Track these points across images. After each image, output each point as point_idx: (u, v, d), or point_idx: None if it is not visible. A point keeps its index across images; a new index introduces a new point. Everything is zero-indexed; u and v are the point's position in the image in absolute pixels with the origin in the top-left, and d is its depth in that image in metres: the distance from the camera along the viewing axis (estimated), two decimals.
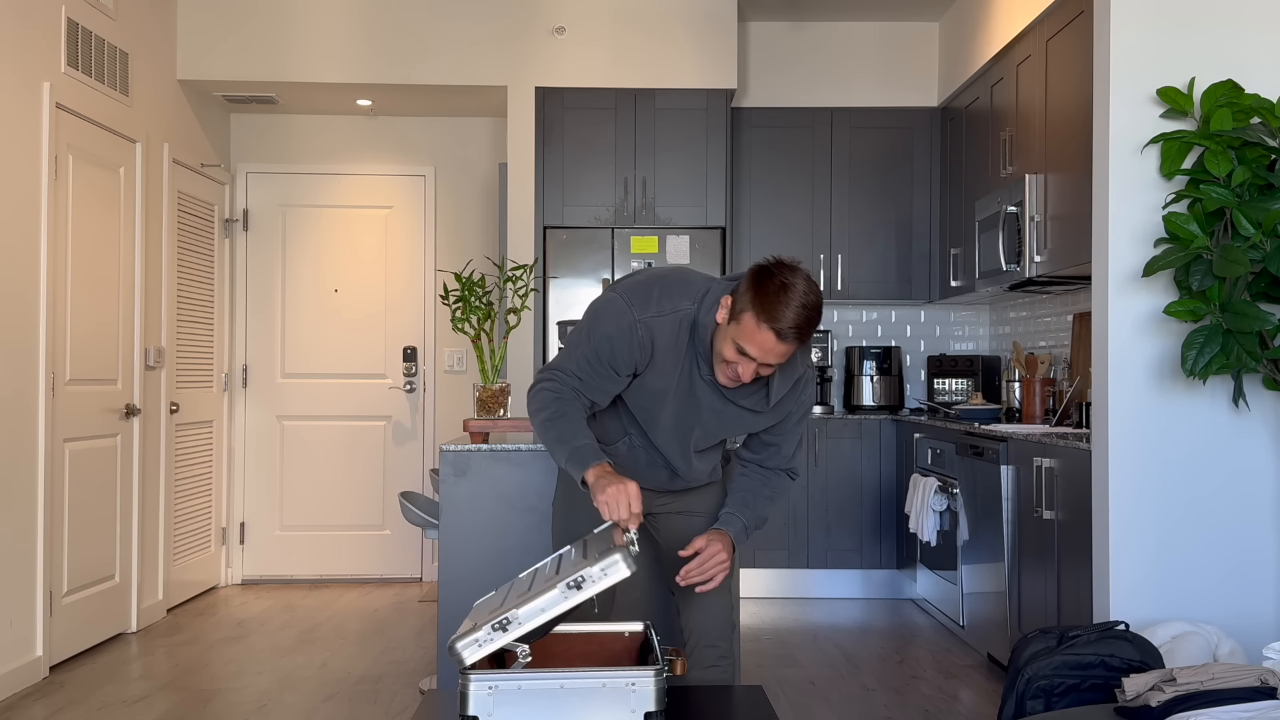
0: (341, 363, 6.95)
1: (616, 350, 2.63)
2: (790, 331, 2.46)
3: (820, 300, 2.51)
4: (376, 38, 6.20)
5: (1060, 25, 4.82)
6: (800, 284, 2.47)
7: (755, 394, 2.70)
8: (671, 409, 2.72)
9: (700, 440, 2.80)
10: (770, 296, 2.45)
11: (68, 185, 4.98)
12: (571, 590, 2.22)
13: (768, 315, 2.44)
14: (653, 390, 2.70)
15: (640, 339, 2.62)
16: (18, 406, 4.57)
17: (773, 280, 2.46)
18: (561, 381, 2.64)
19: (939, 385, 6.70)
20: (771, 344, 2.47)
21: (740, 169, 6.69)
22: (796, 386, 2.75)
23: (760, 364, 2.52)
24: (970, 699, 4.48)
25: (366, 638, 5.46)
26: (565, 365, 2.66)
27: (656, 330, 2.62)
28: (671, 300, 2.64)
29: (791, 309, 2.44)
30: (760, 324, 2.46)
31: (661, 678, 2.19)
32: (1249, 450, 3.59)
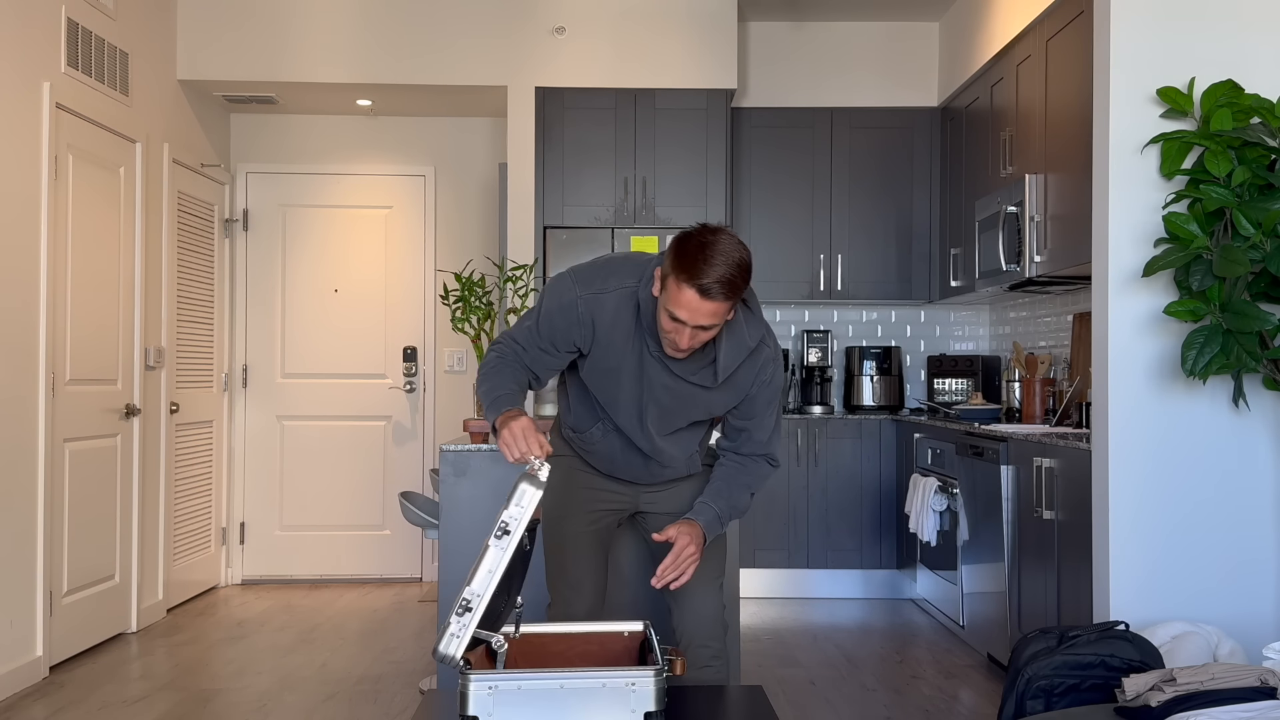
0: (341, 363, 6.95)
1: (556, 326, 2.69)
2: (714, 287, 2.44)
3: (746, 257, 2.50)
4: (376, 38, 6.20)
5: (1060, 25, 4.82)
6: (722, 241, 2.47)
7: (703, 369, 2.69)
8: (627, 389, 2.74)
9: (660, 421, 2.79)
10: (690, 256, 2.46)
11: (68, 185, 4.98)
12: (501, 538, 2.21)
13: (688, 274, 2.44)
14: (606, 370, 2.73)
15: (580, 315, 2.66)
16: (18, 406, 4.57)
17: (692, 241, 2.48)
18: (507, 346, 2.74)
19: (939, 385, 6.70)
20: (697, 302, 2.46)
21: (740, 169, 6.69)
22: (754, 363, 2.73)
23: (694, 327, 2.52)
24: (970, 699, 4.48)
25: (366, 638, 5.46)
26: (513, 334, 2.76)
27: (597, 308, 2.66)
28: (617, 279, 2.67)
29: (712, 265, 2.44)
30: (682, 284, 2.46)
31: (661, 678, 2.19)
32: (1249, 450, 3.59)
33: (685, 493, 2.95)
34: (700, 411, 2.79)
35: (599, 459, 2.92)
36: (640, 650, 2.55)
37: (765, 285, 6.68)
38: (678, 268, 2.46)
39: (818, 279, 6.70)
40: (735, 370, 2.71)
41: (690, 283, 2.45)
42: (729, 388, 2.74)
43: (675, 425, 2.82)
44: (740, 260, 2.48)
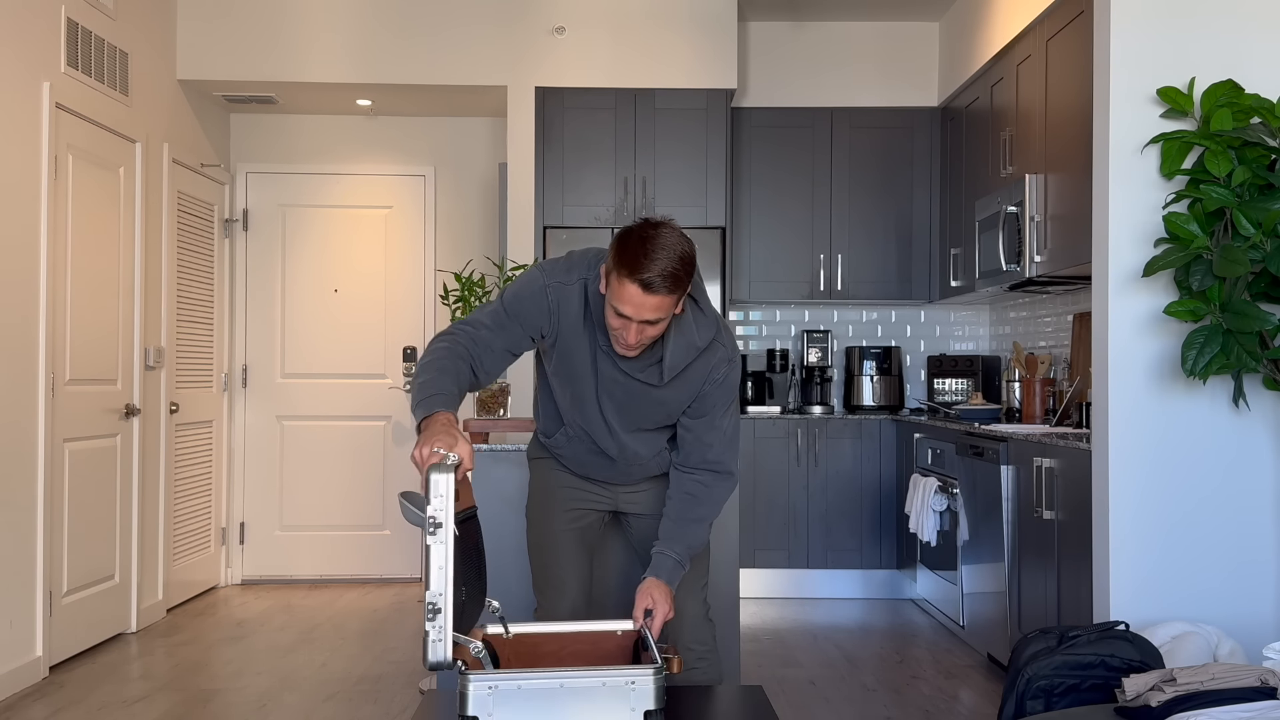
0: (341, 363, 6.95)
1: (524, 309, 2.65)
2: (656, 280, 2.41)
3: (689, 250, 2.47)
4: (376, 38, 6.20)
5: (1060, 25, 4.82)
6: (664, 235, 2.44)
7: (650, 366, 2.66)
8: (584, 386, 2.72)
9: (620, 417, 2.76)
10: (631, 251, 2.43)
11: (68, 185, 4.98)
12: (435, 533, 2.16)
13: (630, 268, 2.42)
14: (567, 364, 2.71)
15: (550, 303, 2.64)
16: (18, 406, 4.57)
17: (633, 235, 2.46)
18: (459, 334, 2.60)
19: (939, 385, 6.70)
20: (640, 297, 2.43)
21: (740, 169, 6.69)
22: (706, 361, 2.69)
23: (640, 323, 2.48)
24: (970, 699, 4.48)
25: (366, 638, 5.46)
26: (469, 319, 2.66)
27: (563, 297, 2.64)
28: (577, 271, 2.66)
29: (654, 259, 2.41)
30: (624, 279, 2.43)
31: (660, 676, 2.19)
32: (1249, 450, 3.59)
33: (664, 491, 2.92)
34: (656, 411, 2.75)
35: (571, 462, 2.93)
36: (634, 649, 2.55)
37: (765, 285, 6.68)
38: (619, 262, 2.44)
39: (818, 279, 6.70)
40: (685, 369, 2.68)
41: (632, 277, 2.42)
42: (679, 386, 2.70)
43: (637, 424, 2.78)
44: (683, 253, 2.45)
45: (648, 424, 2.79)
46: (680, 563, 2.72)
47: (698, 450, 2.77)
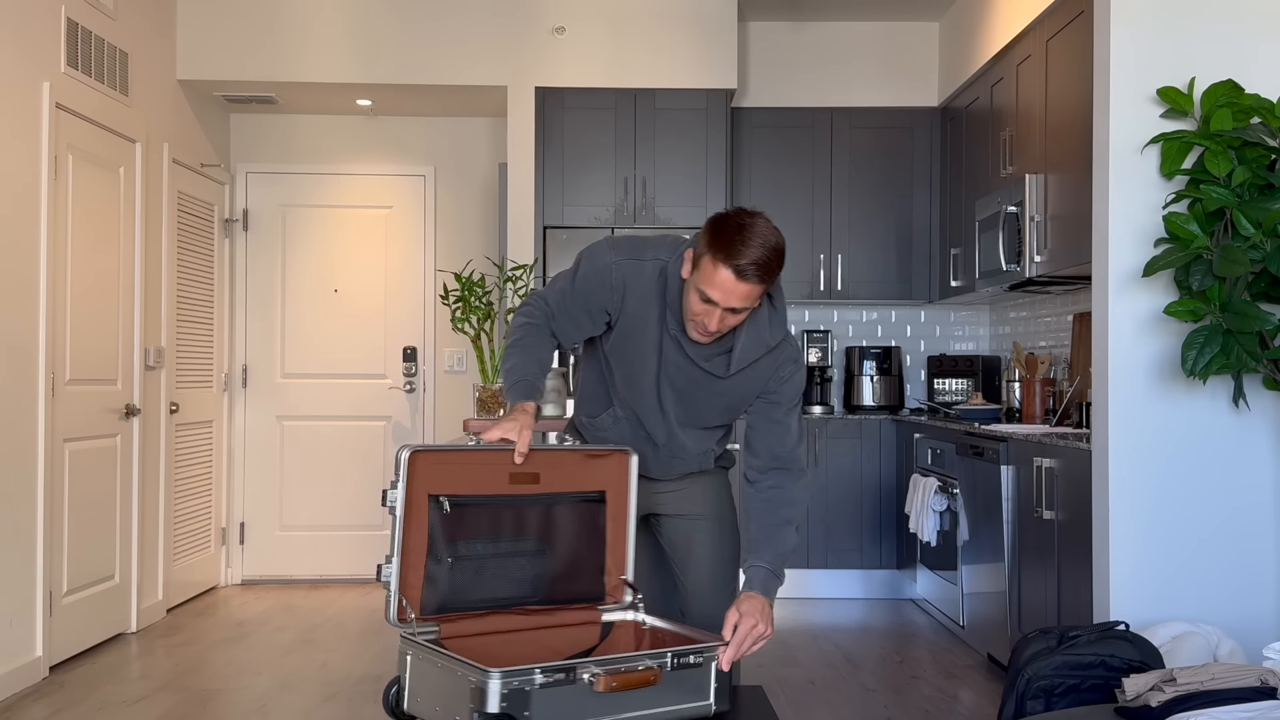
0: (341, 363, 6.95)
1: (590, 291, 2.65)
2: (750, 269, 2.41)
3: (781, 243, 2.47)
4: (376, 38, 6.20)
5: (1060, 25, 4.82)
6: (760, 224, 2.45)
7: (717, 356, 2.64)
8: (644, 367, 2.70)
9: (677, 406, 2.74)
10: (727, 236, 2.43)
11: (68, 185, 4.98)
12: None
13: (724, 254, 2.41)
14: (628, 342, 2.69)
15: (613, 281, 2.63)
16: (18, 406, 4.57)
17: (729, 222, 2.45)
18: (536, 308, 2.72)
19: (939, 385, 6.70)
20: (732, 283, 2.42)
21: (740, 169, 6.69)
22: (774, 360, 2.67)
23: (724, 309, 2.47)
24: (970, 699, 4.48)
25: (366, 638, 5.46)
26: (545, 295, 2.73)
27: (630, 275, 2.63)
28: (654, 251, 2.65)
29: (749, 246, 2.41)
30: (718, 264, 2.42)
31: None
32: (1249, 450, 3.59)
33: (697, 493, 2.91)
34: (715, 403, 2.73)
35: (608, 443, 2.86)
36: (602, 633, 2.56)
37: None
38: (714, 247, 2.43)
39: (818, 279, 6.70)
40: (751, 365, 2.66)
41: (726, 263, 2.41)
42: (742, 381, 2.68)
43: (691, 414, 2.76)
44: (776, 244, 2.45)
45: (701, 416, 2.76)
46: (773, 573, 2.61)
47: (768, 450, 2.71)
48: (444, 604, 2.46)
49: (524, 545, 2.53)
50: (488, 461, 2.47)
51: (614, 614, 2.59)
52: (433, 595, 2.44)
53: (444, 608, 2.45)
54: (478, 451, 2.46)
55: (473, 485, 2.46)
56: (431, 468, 2.41)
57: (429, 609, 2.44)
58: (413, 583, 2.41)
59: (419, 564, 2.41)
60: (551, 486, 2.54)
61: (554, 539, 2.56)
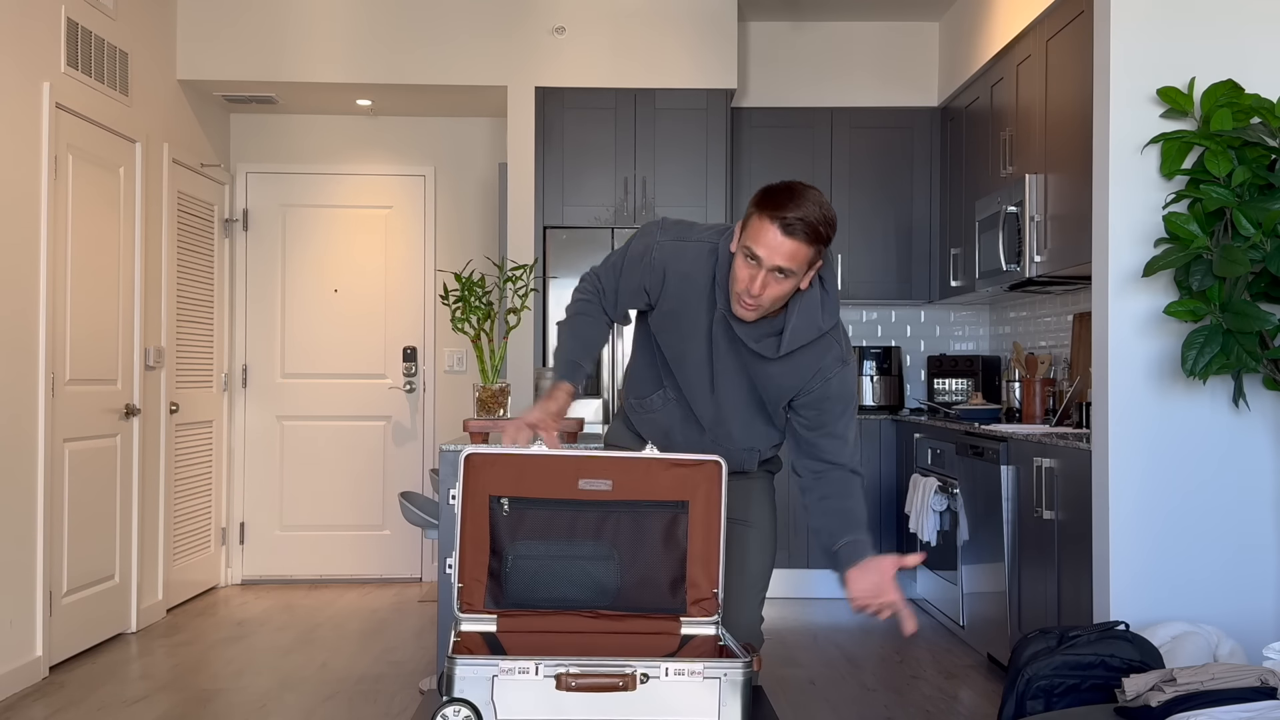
0: (341, 363, 6.95)
1: (634, 267, 2.68)
2: (798, 224, 2.38)
3: (834, 215, 2.46)
4: (376, 38, 6.20)
5: (1060, 25, 4.82)
6: (812, 192, 2.44)
7: (767, 337, 2.59)
8: (695, 345, 2.67)
9: (724, 387, 2.69)
10: (777, 194, 2.42)
11: (68, 185, 4.98)
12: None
13: (772, 208, 2.40)
14: (674, 323, 2.68)
15: (653, 260, 2.63)
16: (18, 406, 4.57)
17: (781, 185, 2.46)
18: (591, 285, 2.77)
19: (939, 385, 6.70)
20: (778, 239, 2.39)
21: (740, 169, 6.69)
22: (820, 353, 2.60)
23: (769, 270, 2.42)
24: (970, 699, 4.48)
25: (366, 638, 5.46)
26: (599, 272, 2.78)
27: (671, 256, 2.62)
28: (706, 233, 2.66)
29: (799, 203, 2.40)
30: (765, 218, 2.41)
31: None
32: (1249, 450, 3.59)
33: (740, 496, 2.84)
34: (764, 389, 2.67)
35: (655, 431, 2.82)
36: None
37: None
38: (762, 204, 2.43)
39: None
40: (801, 349, 2.60)
41: (774, 216, 2.39)
42: (791, 367, 2.62)
43: (740, 400, 2.70)
44: (829, 213, 2.44)
45: (750, 401, 2.71)
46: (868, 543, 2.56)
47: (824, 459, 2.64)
48: (509, 601, 2.50)
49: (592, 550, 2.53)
50: (555, 465, 2.48)
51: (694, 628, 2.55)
52: (497, 591, 2.49)
53: (509, 605, 2.49)
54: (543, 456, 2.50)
55: (539, 488, 2.50)
56: (493, 470, 2.47)
57: (494, 604, 2.49)
58: (475, 578, 2.48)
59: (481, 561, 2.48)
60: (625, 494, 2.53)
61: (626, 546, 2.53)
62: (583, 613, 2.53)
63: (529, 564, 2.51)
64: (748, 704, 2.20)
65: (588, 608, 2.53)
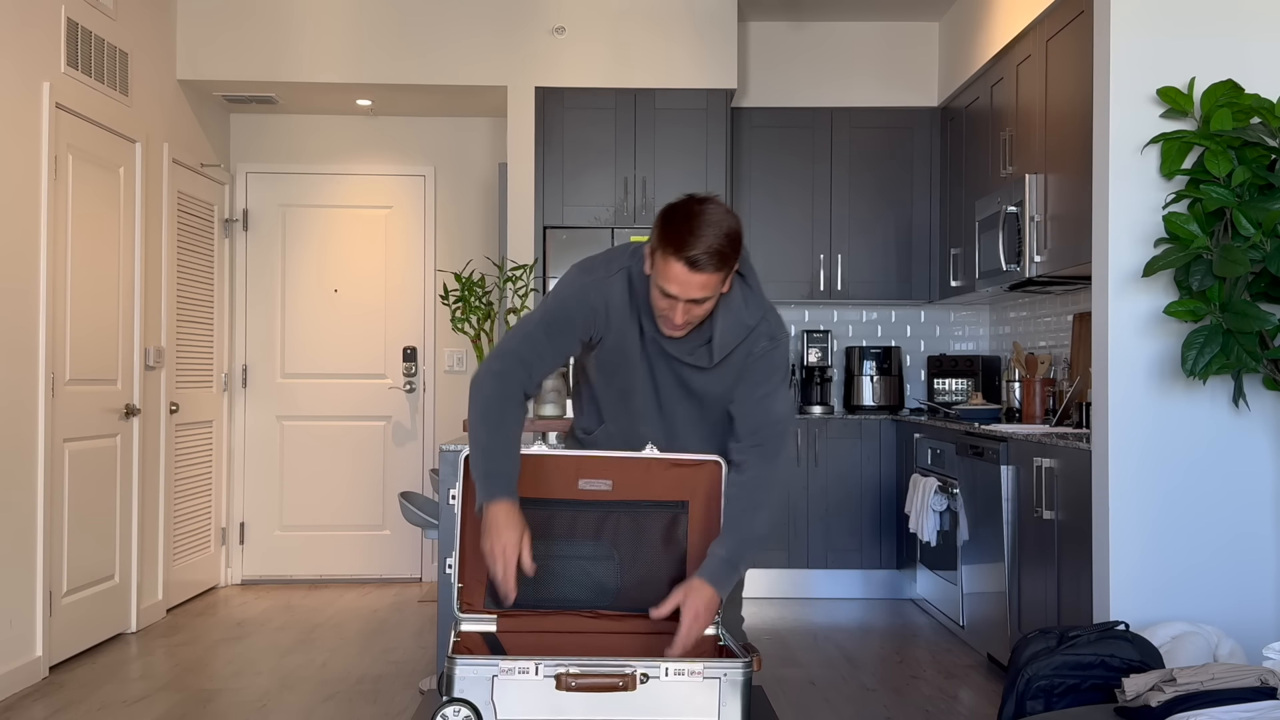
0: (341, 363, 6.95)
1: (571, 315, 2.58)
2: (703, 258, 2.36)
3: (736, 226, 2.40)
4: (376, 38, 6.20)
5: (1060, 25, 4.82)
6: (710, 211, 2.39)
7: (699, 348, 2.59)
8: (634, 375, 2.66)
9: (672, 407, 2.68)
10: (676, 226, 2.38)
11: (67, 185, 4.98)
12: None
13: (675, 246, 2.38)
14: (614, 356, 2.65)
15: (594, 302, 2.58)
16: (18, 406, 4.57)
17: (678, 211, 2.41)
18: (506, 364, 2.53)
19: (939, 385, 6.70)
20: (686, 275, 2.39)
21: (740, 169, 6.69)
22: (749, 343, 2.59)
23: (686, 302, 2.43)
24: (970, 699, 4.48)
25: (366, 638, 5.46)
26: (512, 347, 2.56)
27: (609, 292, 2.58)
28: (618, 261, 2.61)
29: (700, 235, 2.36)
30: (669, 257, 2.39)
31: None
32: (1249, 450, 3.59)
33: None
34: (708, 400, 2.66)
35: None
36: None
37: (765, 285, 6.63)
38: (665, 240, 2.40)
39: (818, 279, 6.70)
40: (733, 350, 2.60)
41: (678, 255, 2.38)
42: (727, 369, 2.62)
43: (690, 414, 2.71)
44: (729, 229, 2.40)
45: (699, 413, 2.71)
46: (730, 561, 2.49)
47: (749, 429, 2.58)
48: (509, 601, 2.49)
49: (592, 550, 2.53)
50: (555, 465, 2.48)
51: None
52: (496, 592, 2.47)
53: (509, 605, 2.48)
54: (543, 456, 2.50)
55: (539, 488, 2.49)
56: None
57: (494, 604, 2.49)
58: (475, 578, 2.49)
59: (481, 561, 2.47)
60: (625, 494, 2.53)
61: (626, 546, 2.54)
62: (583, 613, 2.53)
63: None
64: (748, 704, 2.20)
65: (588, 608, 2.53)
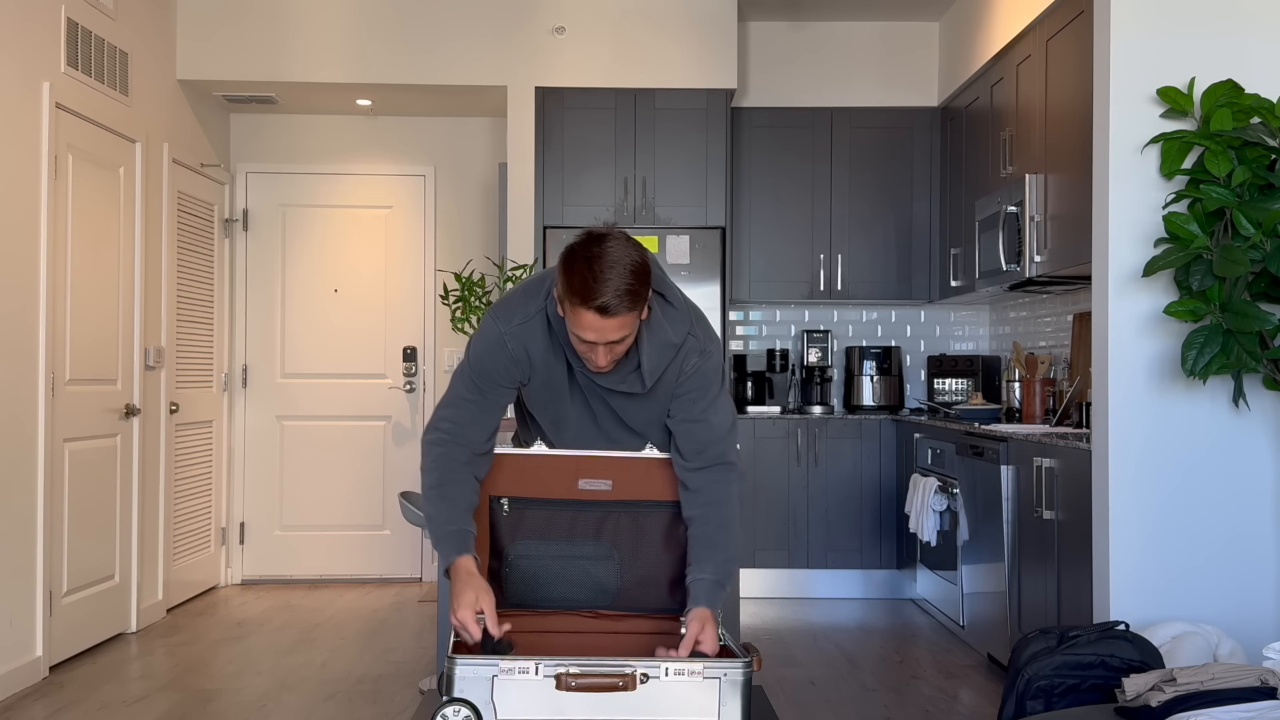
0: (341, 363, 6.95)
1: (493, 368, 2.50)
2: (613, 302, 2.26)
3: (640, 259, 2.30)
4: (376, 38, 6.20)
5: (1060, 25, 4.82)
6: (610, 250, 2.28)
7: (630, 375, 2.51)
8: (569, 413, 2.59)
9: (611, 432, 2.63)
10: (579, 276, 2.28)
11: (67, 185, 4.98)
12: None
13: (582, 296, 2.27)
14: (544, 393, 2.57)
15: (512, 351, 2.49)
16: (18, 406, 4.57)
17: (577, 258, 2.30)
18: (445, 433, 2.49)
19: (939, 385, 6.70)
20: (599, 322, 2.29)
21: (740, 169, 6.69)
22: (679, 361, 2.52)
23: (607, 344, 2.35)
24: (970, 699, 4.48)
25: (366, 638, 5.46)
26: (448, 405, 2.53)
27: (527, 336, 2.49)
28: (535, 303, 2.50)
29: (604, 281, 2.25)
30: (577, 308, 2.29)
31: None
32: (1249, 450, 3.59)
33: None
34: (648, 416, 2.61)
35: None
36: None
37: (765, 285, 6.68)
38: (570, 291, 2.28)
39: (818, 279, 6.70)
40: (664, 372, 2.52)
41: (586, 305, 2.27)
42: (661, 391, 2.55)
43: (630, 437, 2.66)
44: (634, 266, 2.28)
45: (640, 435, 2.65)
46: (718, 581, 2.45)
47: (695, 450, 2.53)
48: (509, 601, 2.49)
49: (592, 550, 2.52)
50: (555, 465, 2.48)
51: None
52: (497, 591, 2.47)
53: (509, 605, 2.48)
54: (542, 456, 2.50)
55: (539, 488, 2.49)
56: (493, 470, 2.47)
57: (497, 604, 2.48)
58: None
59: (481, 561, 2.45)
60: (625, 494, 2.52)
61: (626, 546, 2.53)
62: (583, 613, 2.53)
63: (529, 564, 2.51)
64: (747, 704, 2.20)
65: (588, 608, 2.53)
